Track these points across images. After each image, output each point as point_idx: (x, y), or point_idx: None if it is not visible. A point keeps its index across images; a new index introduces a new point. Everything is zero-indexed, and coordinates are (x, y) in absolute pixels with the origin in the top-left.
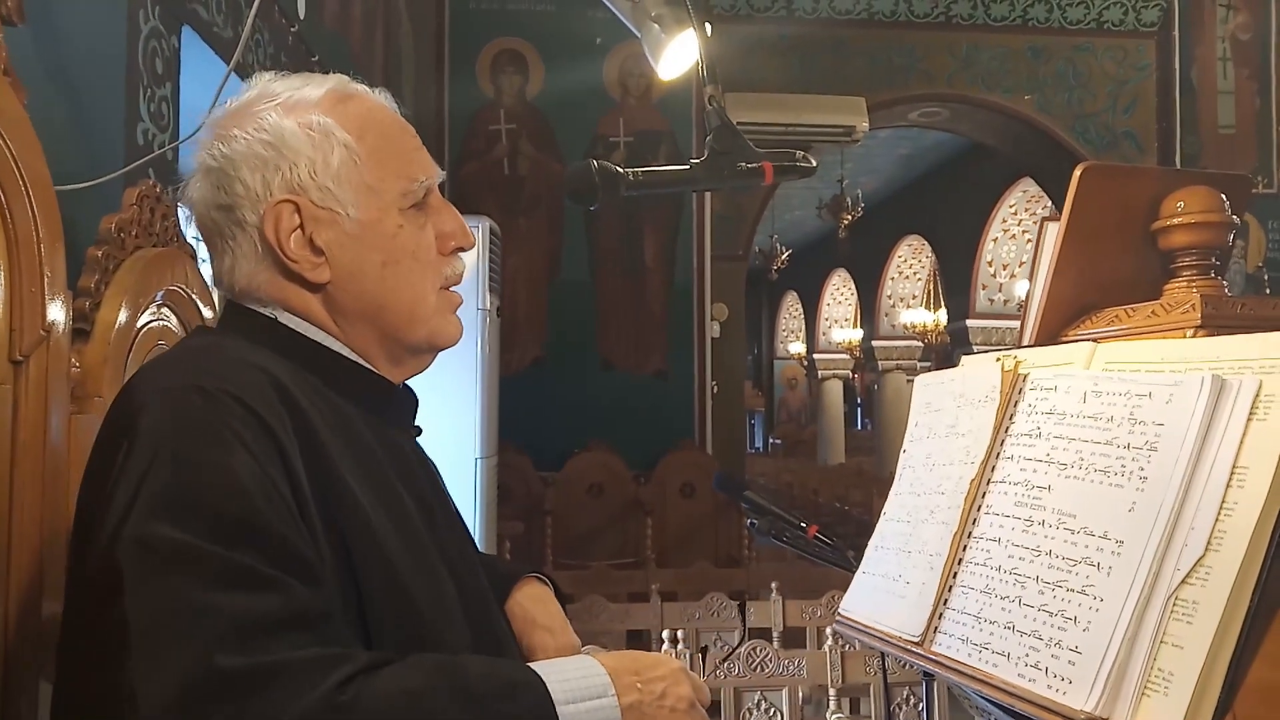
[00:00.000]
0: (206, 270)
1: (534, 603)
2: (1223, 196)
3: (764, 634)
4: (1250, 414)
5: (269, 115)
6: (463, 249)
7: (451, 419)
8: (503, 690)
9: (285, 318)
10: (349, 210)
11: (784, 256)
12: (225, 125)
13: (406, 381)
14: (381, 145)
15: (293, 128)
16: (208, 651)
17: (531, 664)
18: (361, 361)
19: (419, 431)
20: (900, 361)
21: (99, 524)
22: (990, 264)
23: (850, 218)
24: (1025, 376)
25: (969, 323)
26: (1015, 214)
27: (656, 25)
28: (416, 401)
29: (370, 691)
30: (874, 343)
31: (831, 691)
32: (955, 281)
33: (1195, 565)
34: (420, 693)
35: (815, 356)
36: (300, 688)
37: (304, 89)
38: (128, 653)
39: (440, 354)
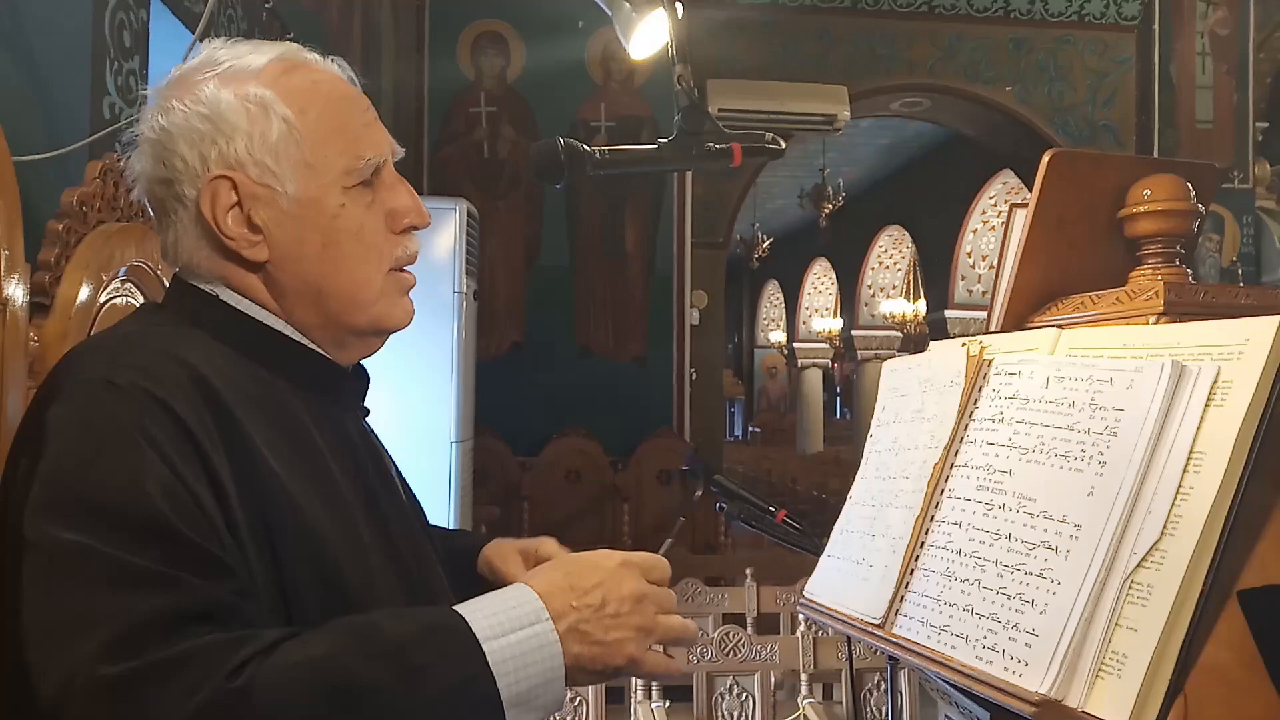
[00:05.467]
0: None
1: (497, 549)
2: (1189, 185)
3: (738, 619)
4: (1209, 400)
5: (207, 86)
6: (416, 227)
7: (427, 402)
8: (419, 636)
9: (227, 295)
10: (287, 187)
11: (765, 245)
12: (165, 95)
13: (361, 362)
14: (325, 120)
15: (230, 100)
16: (91, 657)
17: (459, 605)
18: (305, 341)
19: (367, 412)
20: (879, 351)
21: (4, 514)
22: (970, 255)
23: (831, 207)
24: (990, 362)
25: (948, 313)
26: (995, 205)
27: (628, 4)
28: (367, 381)
29: (268, 668)
30: (854, 332)
31: (803, 677)
32: (935, 272)
33: (1151, 549)
34: (326, 657)
35: (795, 345)
36: (192, 681)
37: (248, 57)
38: (19, 654)
39: (414, 336)
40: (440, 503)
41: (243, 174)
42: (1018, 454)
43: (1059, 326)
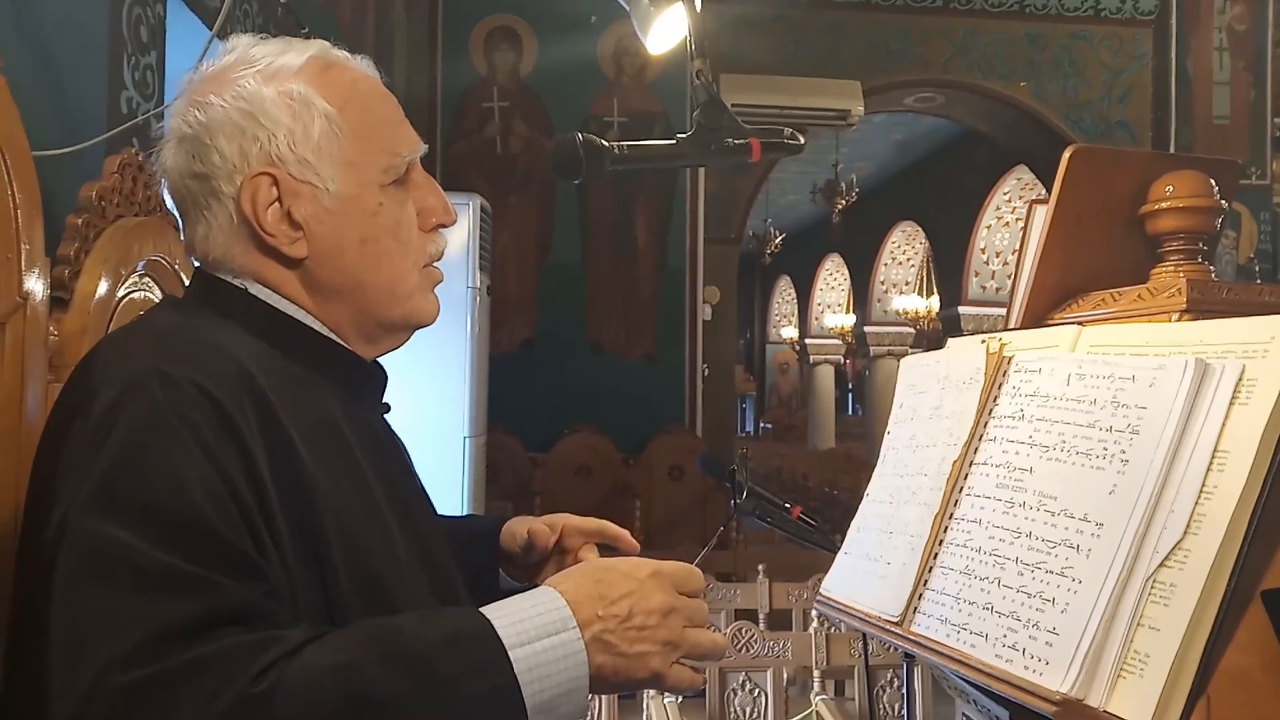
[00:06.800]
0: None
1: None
2: (1211, 181)
3: (750, 616)
4: (1232, 398)
5: (247, 82)
6: (444, 225)
7: (440, 397)
8: (445, 643)
9: (256, 289)
10: (328, 184)
11: (778, 240)
12: (202, 91)
13: (378, 359)
14: (364, 118)
15: (272, 96)
16: (113, 663)
17: (485, 607)
18: (334, 337)
19: (387, 409)
20: (892, 347)
21: (44, 505)
22: (983, 251)
23: (844, 202)
24: (1010, 359)
25: (961, 309)
26: (1009, 201)
27: None
28: (386, 379)
29: (292, 674)
30: (866, 328)
31: (816, 673)
32: (948, 268)
33: (1174, 548)
34: (350, 664)
35: (807, 341)
36: (215, 685)
37: (284, 55)
38: (49, 648)
39: (428, 331)
40: (453, 498)
41: (284, 170)
42: (1038, 451)
43: (1080, 324)
